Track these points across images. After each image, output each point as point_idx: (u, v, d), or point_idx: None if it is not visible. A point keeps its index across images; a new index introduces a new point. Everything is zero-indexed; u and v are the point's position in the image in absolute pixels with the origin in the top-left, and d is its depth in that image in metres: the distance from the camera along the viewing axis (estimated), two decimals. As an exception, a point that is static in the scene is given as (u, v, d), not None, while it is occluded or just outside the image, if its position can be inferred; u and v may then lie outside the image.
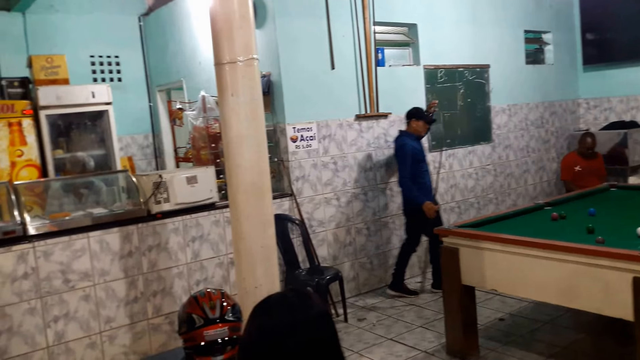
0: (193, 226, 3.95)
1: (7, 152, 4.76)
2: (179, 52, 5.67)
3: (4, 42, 5.31)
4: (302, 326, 1.17)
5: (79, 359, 3.48)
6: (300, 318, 1.18)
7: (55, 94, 4.94)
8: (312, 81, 4.49)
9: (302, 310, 1.21)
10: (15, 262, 3.30)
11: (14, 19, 5.37)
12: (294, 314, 1.19)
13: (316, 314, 1.22)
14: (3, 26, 5.31)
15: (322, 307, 1.27)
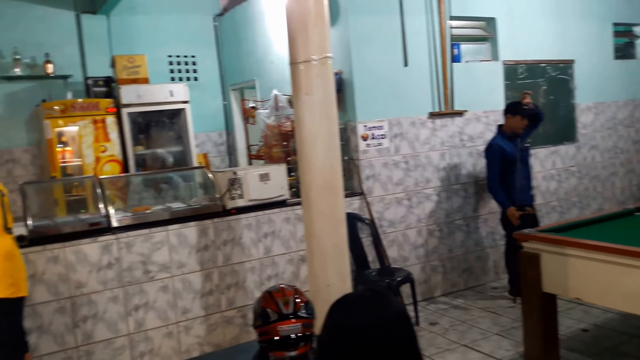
0: (265, 222, 4.06)
1: (92, 148, 5.12)
2: (252, 51, 5.84)
3: (90, 43, 5.69)
4: (380, 326, 1.18)
5: (156, 347, 3.68)
6: (379, 318, 1.19)
7: (136, 93, 5.25)
8: (384, 78, 4.48)
9: (381, 310, 1.21)
10: (100, 252, 3.54)
11: (99, 21, 5.74)
12: (372, 314, 1.19)
13: (394, 314, 1.23)
14: (89, 28, 5.69)
15: (400, 307, 1.27)
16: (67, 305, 3.44)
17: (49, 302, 3.39)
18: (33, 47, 5.41)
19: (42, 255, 3.38)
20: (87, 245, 3.51)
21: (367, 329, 1.17)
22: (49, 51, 5.43)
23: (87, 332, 3.49)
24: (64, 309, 3.43)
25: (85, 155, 5.08)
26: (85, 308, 3.49)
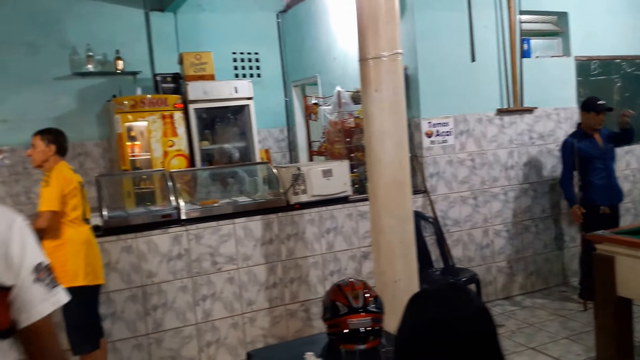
0: (328, 218, 4.11)
1: (160, 142, 5.32)
2: (314, 48, 5.90)
3: (158, 40, 5.92)
4: (463, 320, 1.17)
5: (222, 337, 3.81)
6: (461, 312, 1.18)
7: (202, 89, 5.42)
8: (451, 74, 4.43)
9: (463, 304, 1.20)
10: (170, 243, 3.69)
11: (167, 19, 5.96)
12: (454, 308, 1.19)
13: (476, 309, 1.22)
14: (157, 26, 5.92)
15: (481, 302, 1.27)
16: (138, 293, 3.61)
17: (122, 290, 3.57)
18: (105, 44, 5.67)
19: (116, 245, 3.56)
20: (158, 236, 3.66)
21: (450, 322, 1.16)
22: (119, 48, 5.69)
23: (157, 320, 3.65)
24: (136, 297, 3.60)
25: (154, 150, 5.29)
26: (156, 297, 3.65)
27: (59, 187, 3.12)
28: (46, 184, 3.10)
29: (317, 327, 4.02)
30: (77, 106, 5.67)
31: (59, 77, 5.56)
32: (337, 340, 2.19)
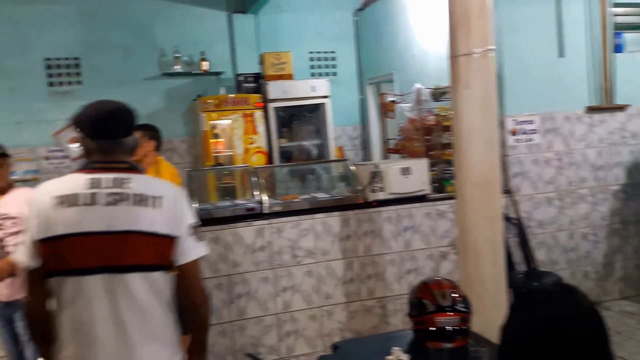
0: (405, 216, 4.13)
1: (242, 140, 5.55)
2: (391, 45, 5.91)
3: (240, 41, 6.16)
4: (574, 319, 1.17)
5: (301, 328, 3.93)
6: (572, 311, 1.18)
7: (281, 88, 5.59)
8: (537, 70, 4.32)
9: (573, 303, 1.20)
10: (254, 235, 3.85)
11: (248, 21, 6.19)
12: (565, 307, 1.19)
13: (587, 308, 1.22)
14: (239, 27, 6.17)
15: (591, 302, 1.26)
16: (224, 282, 3.79)
17: (210, 278, 3.76)
18: (191, 46, 5.98)
19: (205, 236, 3.75)
20: (243, 229, 3.83)
21: (562, 321, 1.17)
22: (204, 49, 5.98)
23: (241, 309, 3.83)
24: (222, 285, 3.79)
25: (236, 147, 5.52)
26: (240, 286, 3.82)
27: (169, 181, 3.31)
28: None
29: (393, 324, 4.06)
30: (165, 105, 6.01)
31: (148, 78, 5.92)
32: (424, 337, 2.22)
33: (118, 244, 1.67)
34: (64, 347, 1.67)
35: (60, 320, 1.67)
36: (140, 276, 1.68)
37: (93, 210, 1.67)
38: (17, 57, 5.55)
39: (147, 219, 1.69)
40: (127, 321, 1.66)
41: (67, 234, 1.65)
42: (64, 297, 1.66)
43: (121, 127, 1.79)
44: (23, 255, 1.70)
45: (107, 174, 1.72)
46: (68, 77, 5.73)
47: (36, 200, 1.70)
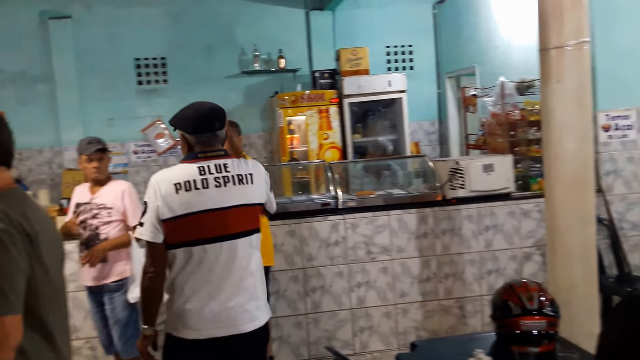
0: (487, 215, 3.98)
1: (316, 135, 5.58)
2: (473, 37, 5.72)
3: (317, 38, 6.19)
4: None
5: (375, 325, 3.90)
6: None
7: (357, 84, 5.57)
8: (633, 62, 4.00)
9: None
10: (329, 230, 3.86)
11: (325, 17, 6.21)
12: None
13: None
14: (317, 24, 6.20)
15: None
16: (300, 275, 3.83)
17: (285, 270, 3.82)
18: (269, 44, 6.09)
19: (281, 229, 3.81)
20: (318, 223, 3.86)
21: None
22: (282, 47, 6.07)
23: (316, 302, 3.85)
24: (297, 278, 3.83)
25: (310, 142, 5.57)
26: (315, 279, 3.85)
27: None
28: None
29: (472, 325, 3.93)
30: (244, 102, 6.17)
31: (229, 76, 6.11)
32: (508, 341, 2.14)
33: (228, 217, 2.10)
34: (189, 301, 2.08)
35: (184, 281, 2.08)
36: (245, 240, 2.13)
37: (206, 192, 2.08)
38: (110, 57, 5.91)
39: (246, 194, 2.14)
40: (240, 276, 2.11)
41: (188, 213, 2.06)
42: (189, 262, 2.07)
43: (216, 122, 2.16)
44: (147, 234, 2.07)
45: (210, 161, 2.12)
46: (155, 76, 6.02)
47: (157, 187, 2.08)
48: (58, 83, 5.81)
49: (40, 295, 1.47)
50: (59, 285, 1.58)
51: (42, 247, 1.48)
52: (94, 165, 3.18)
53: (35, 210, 1.57)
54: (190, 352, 2.11)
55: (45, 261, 1.49)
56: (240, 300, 2.11)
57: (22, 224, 1.44)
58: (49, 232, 1.58)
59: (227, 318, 2.09)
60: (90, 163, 3.18)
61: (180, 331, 2.10)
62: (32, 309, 1.44)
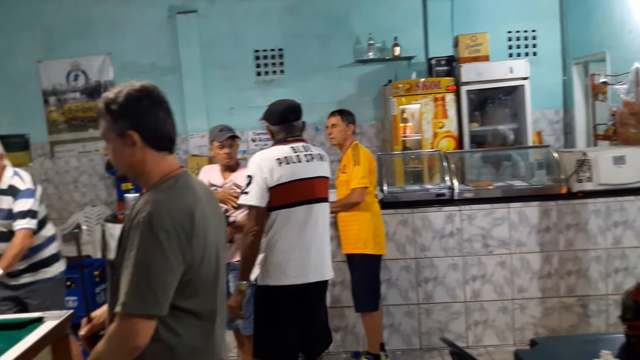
0: (617, 210, 3.79)
1: (431, 124, 5.58)
2: (603, 21, 5.36)
3: (433, 25, 6.14)
4: None
5: (490, 319, 3.88)
6: None
7: (475, 71, 5.47)
8: None
9: None
10: (444, 221, 3.89)
11: (443, 3, 6.12)
12: None
13: None
14: (434, 10, 6.14)
15: None
16: (412, 265, 3.91)
17: (397, 259, 3.92)
18: (384, 32, 6.16)
19: (394, 218, 3.91)
20: (432, 214, 3.90)
21: None
22: (397, 35, 6.11)
23: (428, 293, 3.91)
24: (410, 268, 3.92)
25: (424, 131, 5.58)
26: (427, 270, 3.91)
27: (367, 165, 3.51)
28: (355, 163, 3.48)
29: (595, 325, 3.80)
30: (357, 91, 6.32)
31: (342, 65, 6.27)
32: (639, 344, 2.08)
33: (315, 185, 2.73)
34: (285, 253, 2.64)
35: (281, 237, 2.64)
36: (325, 205, 2.80)
37: (299, 165, 2.69)
38: (231, 50, 6.33)
39: (323, 169, 2.81)
40: (321, 233, 2.75)
41: (288, 181, 2.64)
42: (286, 221, 2.64)
43: (292, 115, 2.77)
44: (253, 200, 2.62)
45: (296, 143, 2.74)
46: (272, 67, 6.36)
47: (261, 163, 2.65)
48: (184, 74, 6.33)
49: (192, 284, 1.51)
50: (212, 270, 1.59)
51: (200, 236, 1.51)
52: (225, 151, 3.45)
53: (198, 195, 1.58)
54: (282, 298, 2.66)
55: (201, 250, 1.52)
56: (323, 254, 2.74)
57: (183, 224, 1.47)
58: (210, 216, 1.60)
59: (315, 267, 2.69)
60: (222, 149, 3.45)
61: (276, 280, 2.65)
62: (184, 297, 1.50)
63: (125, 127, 1.52)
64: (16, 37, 6.43)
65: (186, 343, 1.52)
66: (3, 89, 6.47)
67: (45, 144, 6.59)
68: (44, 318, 2.15)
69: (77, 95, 6.53)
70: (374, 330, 3.60)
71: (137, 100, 1.53)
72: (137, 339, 1.41)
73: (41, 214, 3.07)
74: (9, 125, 6.56)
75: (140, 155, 1.54)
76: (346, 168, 3.55)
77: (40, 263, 3.06)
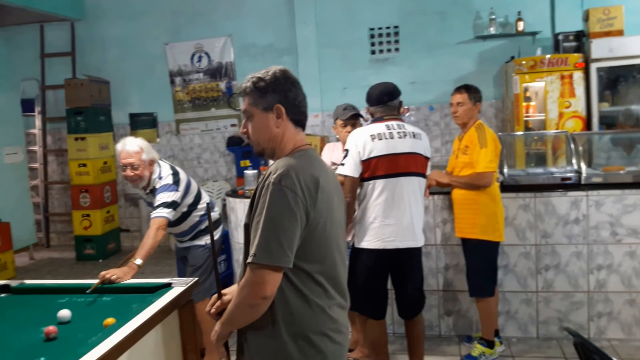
0: None
1: (556, 103, 5.42)
2: None
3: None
4: None
5: (615, 312, 3.79)
6: None
7: (608, 46, 5.23)
8: None
9: None
10: (568, 207, 3.83)
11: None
12: None
13: None
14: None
15: None
16: (531, 251, 3.90)
17: (516, 245, 3.92)
18: (506, 6, 6.04)
19: (514, 202, 3.91)
20: (556, 198, 3.85)
21: None
22: (521, 9, 5.95)
23: (548, 281, 3.89)
24: (529, 254, 3.91)
25: (549, 111, 5.43)
26: (549, 257, 3.88)
27: (494, 148, 3.46)
28: (482, 145, 3.42)
29: None
30: (476, 68, 6.26)
31: (461, 42, 6.25)
32: None
33: (406, 160, 3.03)
34: (377, 220, 3.00)
35: (373, 206, 3.01)
36: (417, 178, 3.07)
37: (392, 141, 3.01)
38: (346, 29, 6.53)
39: (417, 146, 3.07)
40: (414, 203, 3.05)
41: (378, 155, 2.98)
42: (378, 191, 2.99)
43: (391, 95, 3.11)
44: (349, 171, 3.00)
45: (392, 122, 3.07)
46: (388, 45, 6.48)
47: (358, 138, 3.02)
48: (300, 55, 6.65)
49: (314, 246, 1.66)
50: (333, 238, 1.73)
51: (321, 205, 1.65)
52: (347, 129, 3.63)
53: (324, 168, 1.77)
54: (376, 260, 3.04)
55: (324, 214, 1.66)
56: (414, 223, 3.05)
57: (310, 187, 1.62)
58: (333, 190, 1.76)
59: (404, 235, 3.01)
60: (345, 128, 3.64)
61: (368, 243, 3.03)
62: (308, 259, 1.64)
63: (274, 101, 1.72)
64: (146, 21, 7.12)
65: (310, 306, 1.66)
66: (135, 71, 7.22)
67: (172, 122, 7.27)
68: (172, 284, 2.46)
69: (201, 76, 7.11)
70: (488, 315, 3.64)
71: (283, 79, 1.74)
72: (265, 289, 1.57)
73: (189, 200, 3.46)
74: (139, 104, 7.32)
75: (282, 128, 1.73)
76: (469, 150, 3.49)
77: (197, 233, 3.58)
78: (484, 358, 3.61)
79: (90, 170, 6.84)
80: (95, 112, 6.91)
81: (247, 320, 1.66)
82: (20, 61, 7.42)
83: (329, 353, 1.70)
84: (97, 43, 7.29)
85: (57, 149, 7.65)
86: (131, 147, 3.27)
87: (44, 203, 7.66)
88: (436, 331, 4.07)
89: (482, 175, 3.43)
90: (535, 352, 3.77)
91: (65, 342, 2.00)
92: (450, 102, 3.68)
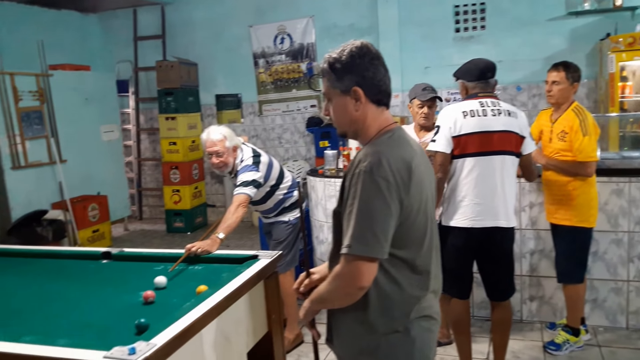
0: None
1: (657, 83, 5.03)
2: None
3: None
4: None
5: None
6: None
7: None
8: None
9: None
10: None
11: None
12: None
13: None
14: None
15: None
16: (624, 238, 3.70)
17: (607, 231, 3.73)
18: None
19: (606, 187, 3.70)
20: (638, 185, 3.61)
21: None
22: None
23: (586, 267, 3.65)
24: (621, 241, 3.71)
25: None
26: (643, 246, 3.66)
27: (595, 136, 3.28)
28: (584, 133, 3.22)
29: None
30: (567, 46, 5.94)
31: (552, 18, 5.93)
32: None
33: (499, 138, 2.89)
34: (466, 199, 2.91)
35: (464, 183, 2.91)
36: (509, 157, 2.93)
37: (485, 119, 2.89)
38: (430, 6, 6.38)
39: (512, 124, 2.92)
40: (506, 182, 2.92)
41: (472, 132, 2.89)
42: (469, 169, 2.89)
43: (488, 73, 2.98)
44: (440, 147, 2.91)
45: (486, 99, 2.94)
46: (473, 22, 6.27)
47: (449, 114, 2.93)
48: (381, 34, 6.58)
49: (408, 233, 1.61)
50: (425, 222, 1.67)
51: (414, 191, 1.58)
52: (424, 111, 3.59)
53: (414, 148, 1.67)
54: (465, 239, 2.96)
55: (418, 199, 1.60)
56: (504, 202, 2.91)
57: (402, 173, 1.55)
58: (424, 170, 1.68)
59: (494, 214, 2.90)
60: (421, 109, 3.60)
61: (456, 221, 2.96)
62: (401, 246, 1.60)
63: (351, 83, 1.61)
64: (232, 4, 7.31)
65: (403, 293, 1.64)
66: (220, 53, 7.45)
67: (255, 103, 7.47)
68: (258, 256, 2.55)
69: (283, 57, 7.22)
70: (576, 303, 3.50)
71: (360, 57, 1.61)
72: (361, 280, 1.53)
73: (272, 180, 3.59)
74: (225, 86, 7.56)
75: (363, 110, 1.64)
76: (568, 137, 3.30)
77: (281, 210, 3.72)
78: (568, 346, 3.49)
79: (179, 149, 7.18)
80: (185, 93, 7.22)
81: (341, 305, 1.66)
82: (115, 44, 7.88)
83: (418, 339, 1.67)
84: (186, 26, 7.58)
85: (149, 127, 8.08)
86: (215, 136, 3.41)
87: (137, 178, 8.15)
88: (517, 316, 3.97)
89: (586, 165, 3.26)
90: (624, 343, 3.60)
91: (161, 306, 2.15)
92: (546, 80, 3.46)
